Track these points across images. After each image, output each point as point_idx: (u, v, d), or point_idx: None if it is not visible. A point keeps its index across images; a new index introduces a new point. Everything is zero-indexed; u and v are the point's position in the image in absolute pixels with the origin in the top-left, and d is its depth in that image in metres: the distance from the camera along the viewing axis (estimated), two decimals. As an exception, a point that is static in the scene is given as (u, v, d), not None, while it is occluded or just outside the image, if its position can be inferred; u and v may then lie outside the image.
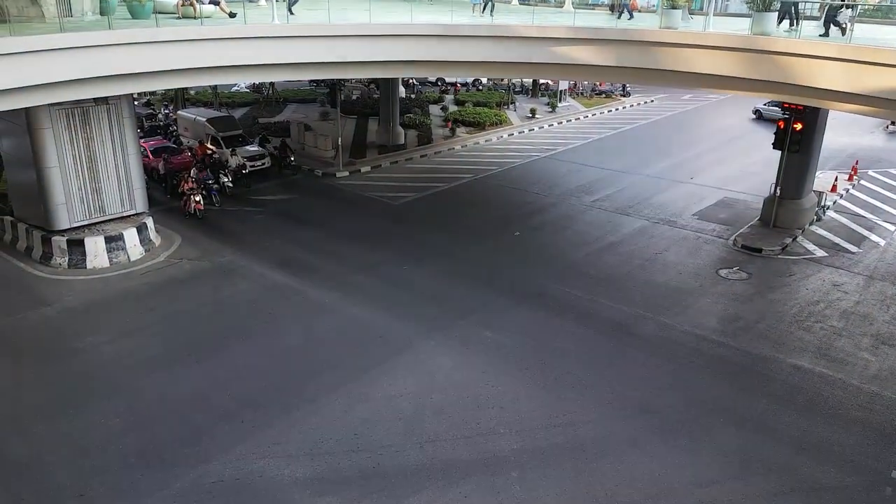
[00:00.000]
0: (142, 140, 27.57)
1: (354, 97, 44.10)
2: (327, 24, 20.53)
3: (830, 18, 17.23)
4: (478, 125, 38.15)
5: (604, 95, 49.17)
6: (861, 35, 16.55)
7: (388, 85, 33.94)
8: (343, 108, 34.60)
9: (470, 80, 48.67)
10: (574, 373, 14.91)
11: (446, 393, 14.12)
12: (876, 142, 36.69)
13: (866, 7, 23.08)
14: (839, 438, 12.81)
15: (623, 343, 16.30)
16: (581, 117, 43.04)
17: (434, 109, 42.66)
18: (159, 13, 19.18)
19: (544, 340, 16.31)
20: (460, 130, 37.26)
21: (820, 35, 17.41)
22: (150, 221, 21.89)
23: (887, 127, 38.68)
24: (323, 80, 42.37)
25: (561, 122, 41.25)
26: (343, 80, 38.35)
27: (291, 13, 21.89)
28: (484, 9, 23.87)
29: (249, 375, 14.73)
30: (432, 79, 49.15)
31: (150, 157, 27.64)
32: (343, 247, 21.92)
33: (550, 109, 43.67)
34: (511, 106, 43.90)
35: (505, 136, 37.55)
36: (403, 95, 42.29)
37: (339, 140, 30.03)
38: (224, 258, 20.97)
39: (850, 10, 18.29)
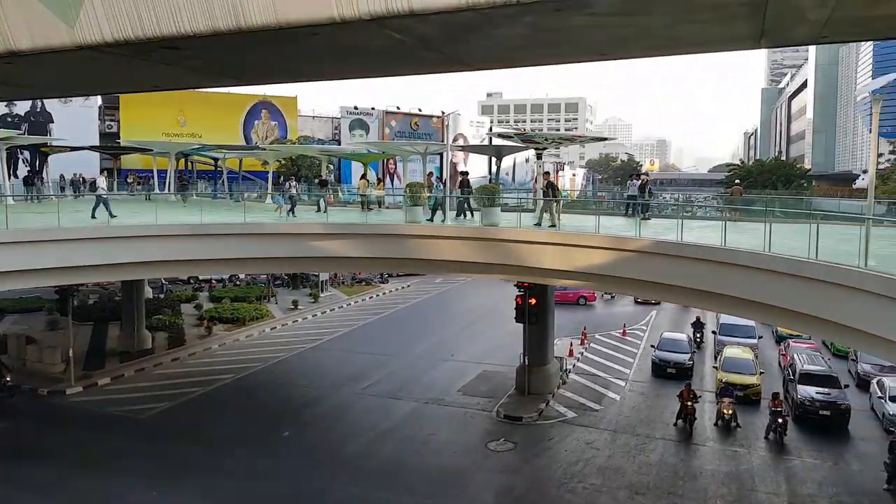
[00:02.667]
0: None
1: (91, 302, 39.96)
2: (56, 229, 18.84)
3: (461, 208, 21.32)
4: (237, 321, 36.65)
5: (364, 283, 51.15)
6: (567, 223, 19.72)
7: (131, 286, 31.46)
8: (77, 314, 30.94)
9: (226, 275, 47.51)
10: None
11: None
12: (596, 309, 42.71)
13: (570, 200, 27.98)
14: None
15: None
16: (344, 305, 43.87)
17: (187, 308, 40.25)
18: None
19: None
20: (218, 328, 35.38)
21: (454, 218, 21.28)
22: None
23: (603, 295, 45.41)
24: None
25: (325, 312, 41.51)
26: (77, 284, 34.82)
27: (112, 216, 20.68)
28: (290, 211, 24.16)
29: None
30: (183, 277, 46.96)
31: None
32: (72, 480, 18.28)
33: (313, 300, 43.92)
34: (272, 299, 43.32)
35: (267, 330, 36.46)
36: (151, 295, 39.48)
37: (71, 351, 26.38)
38: None
39: (557, 203, 21.93)
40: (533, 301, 24.64)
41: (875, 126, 15.04)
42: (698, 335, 33.19)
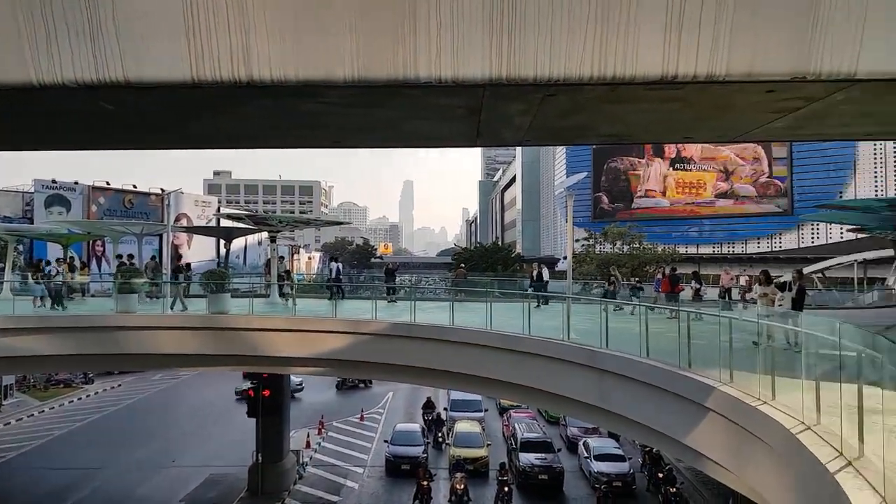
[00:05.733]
0: None
1: None
2: None
3: (177, 297, 19.98)
4: None
5: (62, 385, 43.72)
6: (303, 307, 19.34)
7: None
8: None
9: None
10: None
11: None
12: (331, 396, 42.06)
13: (306, 284, 27.73)
14: None
15: None
16: (36, 413, 36.85)
17: None
18: None
19: None
20: None
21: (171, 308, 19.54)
22: None
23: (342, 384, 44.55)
24: None
25: (9, 423, 34.35)
26: None
27: None
28: (55, 302, 19.96)
29: None
30: None
31: None
32: None
33: (-8, 409, 36.18)
34: (-68, 413, 34.69)
35: (-77, 453, 28.87)
36: None
37: None
38: None
39: (290, 290, 21.51)
40: (267, 393, 23.38)
41: (570, 217, 17.78)
42: (440, 434, 30.92)
